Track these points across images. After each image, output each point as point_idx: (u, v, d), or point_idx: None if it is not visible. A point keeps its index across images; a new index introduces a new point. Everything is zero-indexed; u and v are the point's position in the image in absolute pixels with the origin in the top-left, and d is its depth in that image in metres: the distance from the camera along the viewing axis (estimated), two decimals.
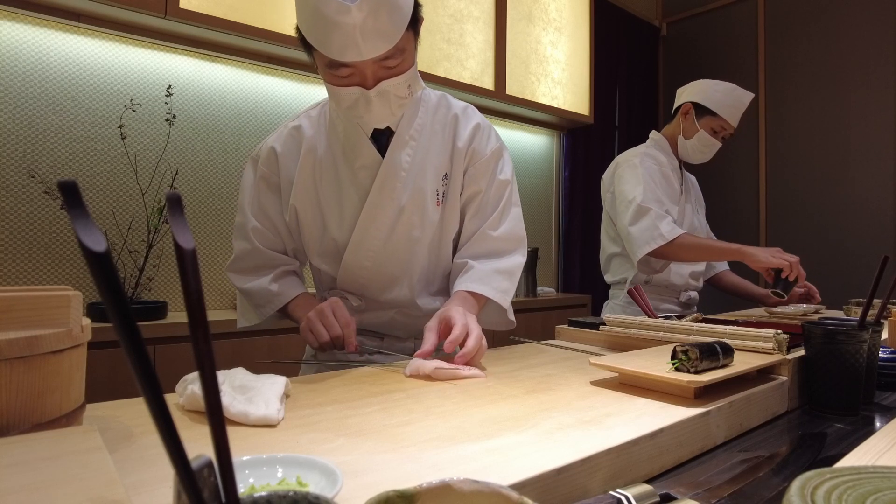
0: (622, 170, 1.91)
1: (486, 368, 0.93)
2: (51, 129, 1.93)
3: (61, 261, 1.94)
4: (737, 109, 1.90)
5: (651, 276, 1.94)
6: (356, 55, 0.91)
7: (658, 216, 1.78)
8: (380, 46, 0.92)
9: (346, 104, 1.00)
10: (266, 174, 1.16)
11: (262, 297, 1.16)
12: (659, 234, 1.76)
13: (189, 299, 0.24)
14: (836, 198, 3.41)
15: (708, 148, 1.94)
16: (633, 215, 1.80)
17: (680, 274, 1.97)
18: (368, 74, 0.96)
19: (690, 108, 1.94)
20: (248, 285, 1.17)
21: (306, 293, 1.19)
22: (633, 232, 1.80)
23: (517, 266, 1.19)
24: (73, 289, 0.54)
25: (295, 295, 1.16)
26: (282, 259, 1.20)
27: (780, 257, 1.70)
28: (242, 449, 0.55)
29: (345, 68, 0.95)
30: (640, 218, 1.79)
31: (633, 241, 1.80)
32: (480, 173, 1.18)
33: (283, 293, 1.16)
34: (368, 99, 0.98)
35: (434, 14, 2.69)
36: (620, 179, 1.90)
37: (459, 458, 0.53)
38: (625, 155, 1.98)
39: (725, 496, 0.54)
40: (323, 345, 1.00)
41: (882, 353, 0.96)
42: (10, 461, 0.38)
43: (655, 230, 1.76)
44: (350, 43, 0.90)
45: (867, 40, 3.31)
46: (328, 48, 0.92)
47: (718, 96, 1.89)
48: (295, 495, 0.29)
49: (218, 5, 2.00)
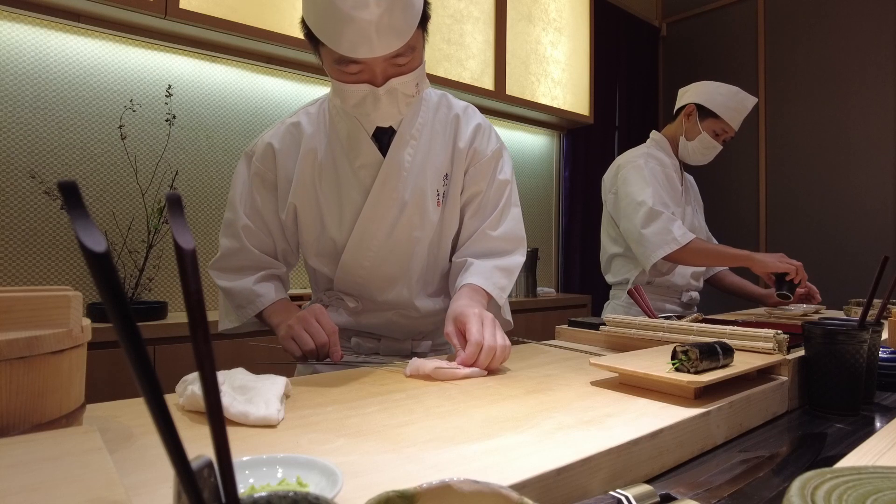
0: (626, 171, 1.90)
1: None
2: (51, 129, 1.93)
3: (61, 261, 1.94)
4: (739, 113, 1.91)
5: (654, 277, 1.93)
6: (368, 52, 0.90)
7: (670, 220, 1.78)
8: (393, 43, 0.90)
9: (354, 101, 0.98)
10: (261, 171, 1.13)
11: (243, 297, 1.13)
12: (672, 239, 1.76)
13: (189, 299, 0.24)
14: (836, 198, 3.40)
15: (709, 150, 1.95)
16: (644, 218, 1.80)
17: (682, 275, 1.98)
18: (378, 72, 0.94)
19: (694, 109, 1.93)
20: (231, 284, 1.14)
21: (286, 300, 1.16)
22: (647, 235, 1.79)
23: (516, 265, 1.19)
24: (73, 289, 0.54)
25: (275, 300, 1.13)
26: (269, 262, 1.17)
27: (786, 262, 1.74)
28: (242, 449, 0.54)
29: (354, 65, 0.93)
30: (652, 221, 1.79)
31: (647, 244, 1.79)
32: (481, 174, 1.17)
33: (265, 295, 1.13)
34: (377, 97, 0.96)
35: (434, 14, 2.66)
36: (626, 181, 1.88)
37: (459, 458, 0.53)
38: (626, 156, 1.97)
39: (725, 496, 0.54)
40: (307, 353, 0.97)
41: (882, 353, 0.96)
42: (10, 462, 0.38)
43: (668, 234, 1.76)
44: (363, 39, 0.88)
45: (867, 40, 3.31)
46: (339, 44, 0.89)
47: (722, 99, 1.89)
48: (295, 496, 0.29)
49: (218, 5, 2.00)
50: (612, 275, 2.03)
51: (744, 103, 1.91)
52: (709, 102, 1.90)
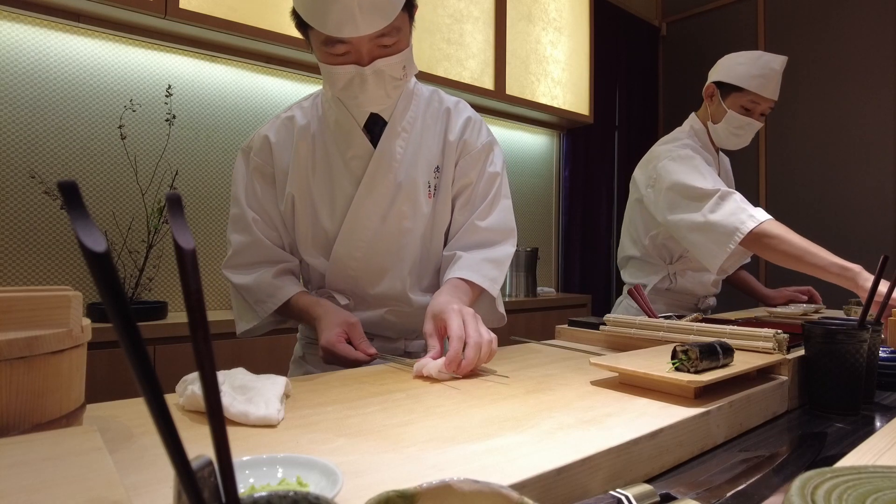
0: (668, 162, 1.68)
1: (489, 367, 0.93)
2: (51, 129, 1.92)
3: (61, 261, 1.94)
4: (766, 79, 1.68)
5: (674, 283, 1.82)
6: (353, 30, 0.92)
7: (743, 200, 1.54)
8: (377, 22, 0.93)
9: (342, 84, 1.00)
10: (260, 165, 1.14)
11: (263, 291, 1.13)
12: (749, 216, 1.48)
13: (189, 299, 0.24)
14: (836, 198, 3.40)
15: (742, 129, 1.73)
16: (713, 204, 1.54)
17: (701, 282, 1.83)
18: (364, 52, 0.97)
19: (714, 89, 1.76)
20: (248, 280, 1.13)
21: (307, 292, 1.16)
22: (717, 221, 1.52)
23: (506, 256, 1.18)
24: (73, 289, 0.54)
25: (299, 291, 1.14)
26: (282, 254, 1.17)
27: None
28: (242, 449, 0.54)
29: (340, 45, 0.96)
30: (721, 204, 1.54)
31: (718, 230, 1.52)
32: (471, 165, 1.18)
33: (285, 287, 1.13)
34: (364, 77, 0.98)
35: (434, 14, 2.69)
36: (671, 171, 1.65)
37: (459, 458, 0.53)
38: (662, 147, 1.78)
39: (725, 496, 0.54)
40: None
41: (882, 353, 0.96)
42: (10, 461, 0.38)
43: (743, 212, 1.50)
44: (348, 18, 0.91)
45: (867, 40, 3.31)
46: (325, 24, 0.92)
47: (742, 69, 1.70)
48: (295, 495, 0.29)
49: (218, 5, 2.00)
50: (628, 275, 1.93)
51: (770, 65, 1.69)
52: (728, 77, 1.72)
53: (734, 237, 1.49)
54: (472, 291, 1.10)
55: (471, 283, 1.09)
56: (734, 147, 1.80)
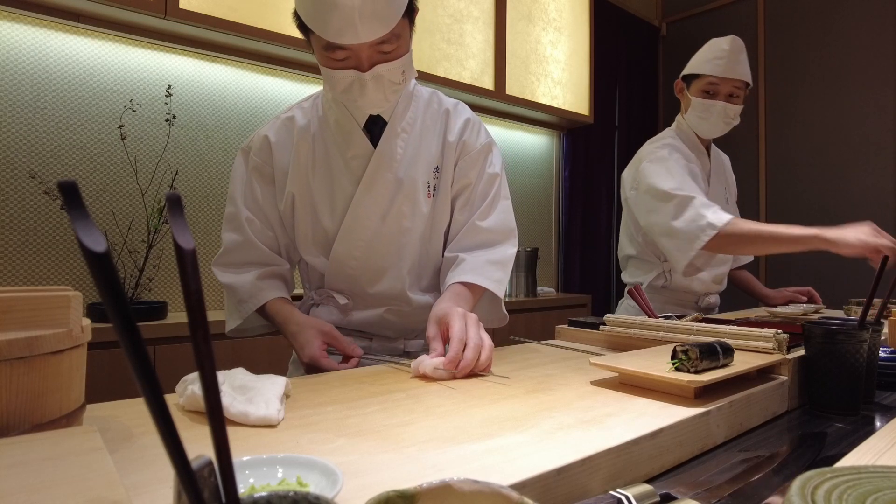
0: (648, 163, 1.73)
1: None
2: (51, 129, 1.92)
3: (61, 261, 1.94)
4: (719, 59, 1.73)
5: (669, 280, 1.82)
6: (353, 38, 0.93)
7: (703, 204, 1.56)
8: (377, 30, 0.93)
9: (341, 87, 1.01)
10: (259, 164, 1.15)
11: (245, 291, 1.13)
12: (707, 224, 1.50)
13: (189, 299, 0.24)
14: (836, 198, 3.40)
15: (707, 112, 1.76)
16: (675, 209, 1.58)
17: (701, 280, 1.81)
18: (364, 58, 0.98)
19: (681, 84, 1.84)
20: (233, 279, 1.14)
21: (287, 299, 1.15)
22: (679, 227, 1.56)
23: (509, 257, 1.19)
24: (73, 289, 0.54)
25: (277, 296, 1.13)
26: (272, 257, 1.17)
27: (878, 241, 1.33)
28: (242, 449, 0.54)
29: (341, 51, 0.96)
30: (683, 210, 1.57)
31: (681, 237, 1.56)
32: (470, 166, 1.19)
33: (266, 290, 1.13)
34: (363, 82, 0.99)
35: (434, 14, 2.69)
36: (648, 174, 1.70)
37: (459, 458, 0.53)
38: (647, 147, 1.83)
39: (725, 496, 0.54)
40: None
41: (882, 353, 0.96)
42: (10, 462, 0.38)
43: (701, 220, 1.52)
44: (348, 25, 0.91)
45: (867, 40, 3.31)
46: (325, 30, 0.93)
47: (698, 58, 1.79)
48: (295, 496, 0.29)
49: (218, 5, 2.00)
50: (628, 275, 1.94)
51: (719, 46, 1.74)
52: (689, 69, 1.81)
53: (694, 245, 1.54)
54: (474, 297, 1.11)
55: (473, 288, 1.10)
56: (710, 135, 1.82)
